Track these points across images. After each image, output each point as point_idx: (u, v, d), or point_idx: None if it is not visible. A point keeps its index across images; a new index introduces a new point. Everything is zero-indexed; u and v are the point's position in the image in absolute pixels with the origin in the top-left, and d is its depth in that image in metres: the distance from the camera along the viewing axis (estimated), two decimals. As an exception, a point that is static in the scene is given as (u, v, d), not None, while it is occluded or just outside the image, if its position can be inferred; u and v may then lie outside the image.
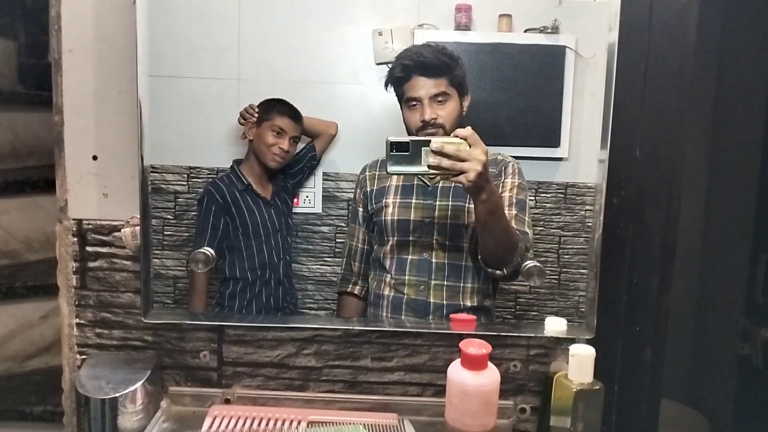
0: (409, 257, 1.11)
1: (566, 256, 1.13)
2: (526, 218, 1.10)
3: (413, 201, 1.11)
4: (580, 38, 1.09)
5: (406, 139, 0.96)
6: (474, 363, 0.96)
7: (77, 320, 1.11)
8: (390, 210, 1.12)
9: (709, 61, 1.58)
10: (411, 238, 1.11)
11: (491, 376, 0.97)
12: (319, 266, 1.15)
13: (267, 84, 1.10)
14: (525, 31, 1.09)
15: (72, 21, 1.05)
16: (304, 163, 1.13)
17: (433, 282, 1.10)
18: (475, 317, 1.10)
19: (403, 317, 1.12)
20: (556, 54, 1.09)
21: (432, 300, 1.11)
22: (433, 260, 1.10)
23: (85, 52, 1.05)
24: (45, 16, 2.25)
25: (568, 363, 1.01)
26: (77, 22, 1.05)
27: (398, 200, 1.12)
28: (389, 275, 1.12)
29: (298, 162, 1.13)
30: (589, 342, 1.03)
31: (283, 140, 1.11)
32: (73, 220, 1.09)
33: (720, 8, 1.59)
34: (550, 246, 1.13)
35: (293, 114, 1.11)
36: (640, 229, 1.09)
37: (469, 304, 1.11)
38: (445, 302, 1.11)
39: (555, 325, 1.08)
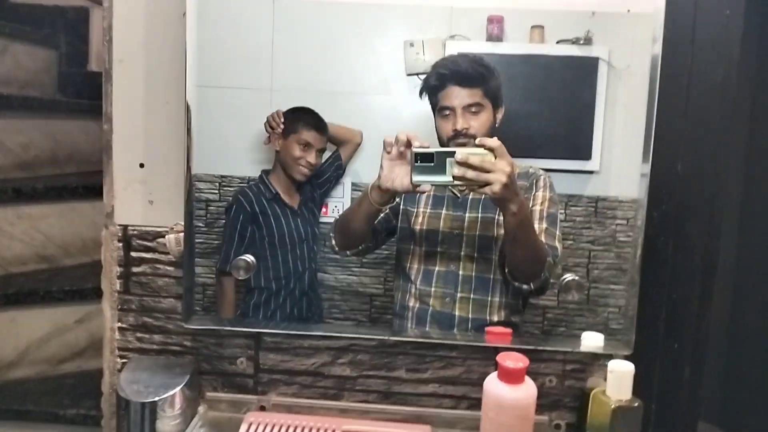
0: (436, 268, 1.11)
1: (596, 271, 1.12)
2: (557, 232, 1.09)
3: (443, 212, 1.11)
4: (613, 50, 1.08)
5: (431, 149, 0.96)
6: (511, 376, 0.95)
7: (119, 324, 1.13)
8: (420, 219, 1.12)
9: (752, 74, 1.56)
10: (439, 249, 1.11)
11: (528, 390, 0.97)
12: (346, 276, 1.16)
13: (298, 94, 1.11)
14: (557, 43, 1.08)
15: (123, 32, 1.07)
16: (331, 173, 1.14)
17: (459, 295, 1.10)
18: (511, 330, 1.10)
19: (427, 329, 1.11)
20: (589, 65, 1.08)
21: (457, 313, 1.10)
22: (461, 272, 1.10)
23: (135, 62, 1.08)
24: (85, 27, 2.33)
25: (605, 379, 1.01)
26: (128, 34, 1.07)
27: (429, 210, 1.12)
28: (414, 286, 1.12)
29: (324, 172, 1.14)
30: (626, 358, 1.02)
31: (310, 154, 1.12)
32: (119, 225, 1.11)
33: (764, 20, 1.58)
34: (580, 260, 1.12)
35: (319, 126, 1.11)
36: (680, 244, 1.08)
37: (495, 318, 1.10)
38: (471, 316, 1.10)
39: (592, 341, 1.07)
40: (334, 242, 1.13)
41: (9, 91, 2.03)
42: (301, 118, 1.11)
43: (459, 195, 1.11)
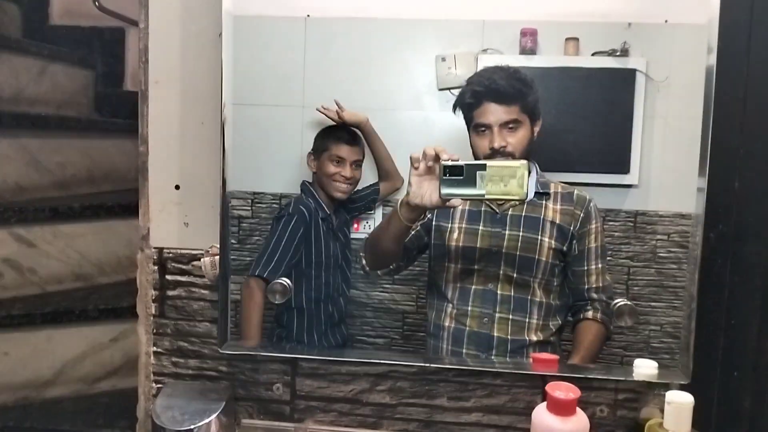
0: (473, 287, 1.07)
1: (636, 288, 1.08)
2: (607, 265, 1.07)
3: (480, 228, 1.07)
4: (651, 61, 1.05)
5: (460, 162, 0.94)
6: (562, 408, 0.91)
7: (154, 348, 1.12)
8: (455, 235, 1.08)
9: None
10: (476, 267, 1.07)
11: (580, 422, 0.92)
12: (378, 293, 1.13)
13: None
14: (593, 55, 1.06)
15: (159, 53, 1.07)
16: (366, 202, 1.12)
17: (497, 315, 1.06)
18: (557, 357, 1.05)
19: (464, 351, 1.07)
20: (626, 77, 1.05)
21: (496, 334, 1.06)
22: (499, 292, 1.06)
23: (171, 83, 1.07)
24: (121, 48, 2.37)
25: (660, 409, 0.96)
26: (164, 55, 1.07)
27: (465, 226, 1.08)
28: (450, 305, 1.08)
29: (360, 198, 1.12)
30: (682, 387, 0.97)
31: (344, 168, 1.10)
32: (155, 248, 1.10)
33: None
34: (619, 277, 1.08)
35: (350, 138, 1.10)
36: (739, 266, 1.02)
37: (534, 339, 1.06)
38: (509, 337, 1.06)
39: (645, 368, 1.02)
40: (364, 262, 1.11)
41: (47, 111, 2.07)
42: (330, 134, 1.10)
43: (497, 210, 1.07)
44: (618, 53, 1.05)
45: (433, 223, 1.10)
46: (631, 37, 1.05)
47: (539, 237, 1.05)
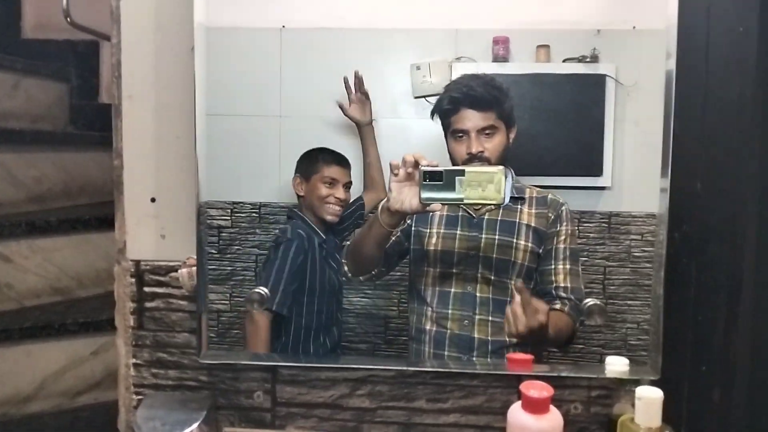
0: (452, 290, 1.09)
1: (612, 287, 1.11)
2: (579, 269, 1.09)
3: (458, 232, 1.09)
4: (620, 66, 1.08)
5: (440, 168, 0.96)
6: (536, 406, 0.93)
7: (134, 360, 1.12)
8: (434, 240, 1.10)
9: None
10: (454, 270, 1.09)
11: (554, 420, 0.94)
12: (359, 299, 1.15)
13: (307, 120, 1.12)
14: (564, 61, 1.08)
15: (132, 68, 1.08)
16: (352, 220, 1.13)
17: (477, 317, 1.08)
18: (532, 357, 1.07)
19: (446, 353, 1.09)
20: (596, 83, 1.08)
21: (477, 335, 1.08)
22: (478, 294, 1.08)
23: (145, 97, 1.08)
24: (96, 61, 2.35)
25: (632, 405, 0.98)
26: (137, 69, 1.07)
27: (442, 230, 1.10)
28: (430, 308, 1.10)
29: (347, 218, 1.13)
30: (653, 383, 0.99)
31: (337, 189, 1.11)
32: (132, 261, 1.10)
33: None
34: (595, 277, 1.11)
35: (340, 160, 1.11)
36: (704, 265, 1.05)
37: (515, 340, 1.08)
38: (490, 338, 1.08)
39: (617, 365, 1.04)
40: (346, 268, 1.12)
41: (21, 126, 2.06)
42: (320, 156, 1.11)
43: (474, 215, 1.09)
44: (588, 59, 1.08)
45: (413, 228, 1.11)
46: (600, 44, 1.07)
47: (515, 240, 1.07)
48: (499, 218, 1.08)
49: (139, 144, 1.09)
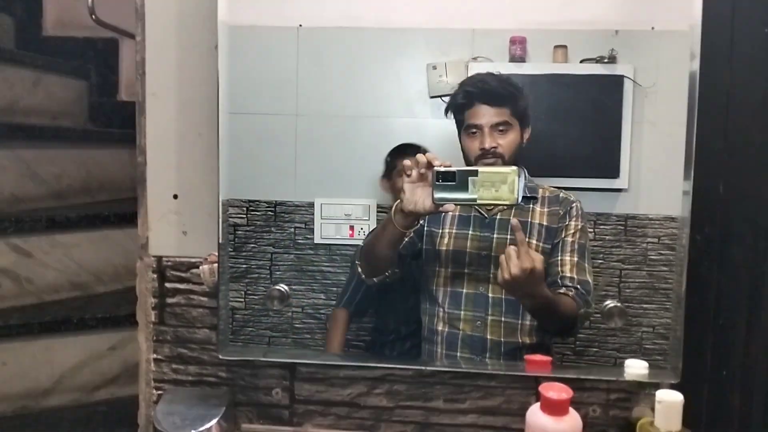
0: (464, 291, 1.09)
1: (627, 290, 1.09)
2: (587, 265, 1.07)
3: (470, 232, 1.09)
4: (638, 67, 1.07)
5: (453, 168, 0.96)
6: (555, 408, 0.93)
7: (155, 355, 1.13)
8: (446, 240, 1.10)
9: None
10: (466, 271, 1.09)
11: (573, 422, 0.94)
12: None
13: (323, 118, 1.12)
14: (581, 62, 1.08)
15: (156, 65, 1.09)
16: None
17: (490, 318, 1.08)
18: (551, 358, 1.07)
19: (458, 354, 1.09)
20: (614, 84, 1.08)
21: (489, 336, 1.08)
22: (490, 295, 1.08)
23: (168, 94, 1.09)
24: (115, 58, 2.38)
25: (651, 408, 0.97)
26: (161, 67, 1.09)
27: (454, 231, 1.10)
28: (442, 309, 1.10)
29: None
30: (673, 387, 0.99)
31: None
32: (154, 257, 1.11)
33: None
34: (611, 279, 1.10)
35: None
36: (725, 268, 1.05)
37: (528, 341, 1.08)
38: (503, 339, 1.08)
39: (636, 368, 1.04)
40: (360, 270, 1.12)
41: (42, 122, 2.08)
42: (406, 153, 1.09)
43: (486, 215, 1.09)
44: (606, 60, 1.07)
45: (425, 228, 1.11)
46: (618, 45, 1.07)
47: (527, 239, 1.07)
48: (511, 218, 1.08)
49: (162, 141, 1.10)
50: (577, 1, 1.07)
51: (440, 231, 1.11)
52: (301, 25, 1.10)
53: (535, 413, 0.95)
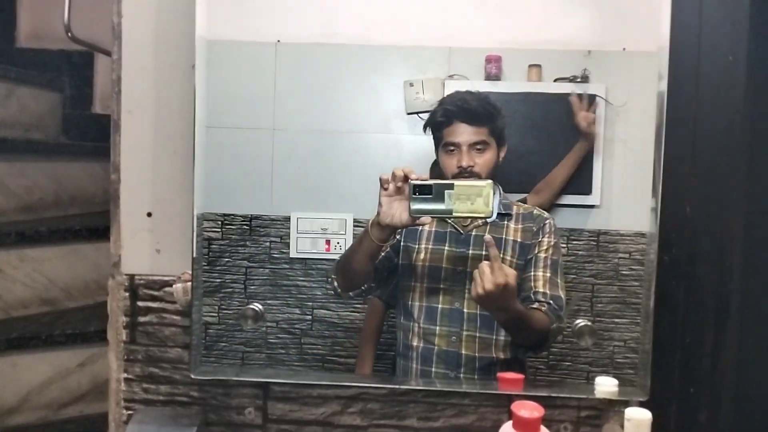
0: (440, 306, 1.10)
1: (600, 305, 1.12)
2: (560, 281, 1.09)
3: (446, 248, 1.10)
4: (610, 87, 1.10)
5: (429, 182, 0.97)
6: (527, 427, 0.93)
7: (125, 375, 1.11)
8: (422, 256, 1.11)
9: (755, 120, 1.55)
10: (442, 286, 1.10)
11: (545, 440, 0.95)
12: (348, 312, 1.15)
13: (301, 133, 1.13)
14: (555, 81, 1.10)
15: (132, 83, 1.08)
16: None
17: (464, 333, 1.09)
18: (523, 376, 1.08)
19: (433, 369, 1.10)
20: (588, 103, 1.10)
21: (464, 352, 1.09)
22: (465, 310, 1.09)
23: (144, 113, 1.08)
24: (90, 71, 2.35)
25: (621, 425, 0.99)
26: (137, 84, 1.08)
27: (431, 246, 1.11)
28: (417, 324, 1.11)
29: None
30: (642, 404, 1.00)
31: None
32: (126, 275, 1.10)
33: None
34: (583, 294, 1.12)
35: None
36: (692, 288, 1.07)
37: (502, 356, 1.09)
38: (477, 354, 1.09)
39: (606, 386, 1.05)
40: (336, 284, 1.12)
41: (14, 135, 2.05)
42: None
43: (462, 231, 1.10)
44: (579, 79, 1.09)
45: (401, 244, 1.12)
46: (591, 64, 1.09)
47: (501, 255, 1.08)
48: (485, 234, 1.09)
49: (137, 158, 1.09)
50: (551, 22, 1.10)
51: (416, 246, 1.11)
52: (279, 41, 1.11)
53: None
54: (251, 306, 1.08)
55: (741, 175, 0.99)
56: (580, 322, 1.05)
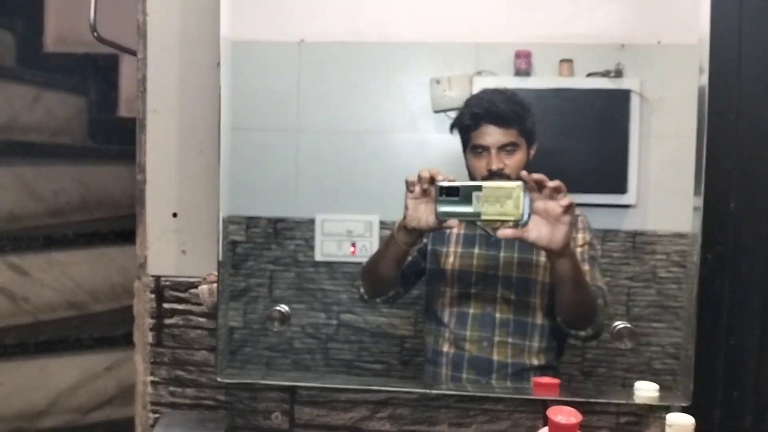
0: (471, 311, 1.07)
1: (636, 309, 1.08)
2: (598, 275, 1.05)
3: (476, 251, 1.07)
4: (645, 81, 1.06)
5: (456, 183, 0.94)
6: (564, 432, 0.90)
7: (152, 378, 1.10)
8: (451, 260, 1.08)
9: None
10: (473, 291, 1.07)
11: (583, 447, 0.91)
12: (375, 317, 1.12)
13: (325, 134, 1.11)
14: (587, 76, 1.07)
15: (157, 83, 1.07)
16: None
17: (496, 339, 1.05)
18: (559, 381, 1.05)
19: (464, 376, 1.07)
20: (621, 98, 1.07)
21: (496, 358, 1.06)
22: (497, 315, 1.06)
23: (169, 112, 1.07)
24: (115, 74, 2.37)
25: (662, 431, 0.95)
26: (162, 84, 1.07)
27: (459, 250, 1.08)
28: (448, 330, 1.07)
29: None
30: (683, 409, 0.96)
31: None
32: (152, 276, 1.09)
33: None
34: (619, 298, 1.08)
35: None
36: (737, 287, 1.02)
37: (536, 363, 1.06)
38: (510, 360, 1.05)
39: (646, 391, 1.01)
40: (363, 290, 1.10)
41: (41, 139, 2.07)
42: None
43: (492, 233, 1.07)
44: (612, 74, 1.06)
45: (429, 247, 1.09)
46: (624, 58, 1.06)
47: (534, 257, 1.05)
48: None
49: (163, 158, 1.08)
50: (582, 15, 1.06)
51: (445, 250, 1.08)
52: (303, 40, 1.09)
53: (543, 438, 0.92)
54: (277, 308, 1.06)
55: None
56: (619, 323, 1.01)
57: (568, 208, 0.92)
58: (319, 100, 1.10)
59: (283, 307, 1.06)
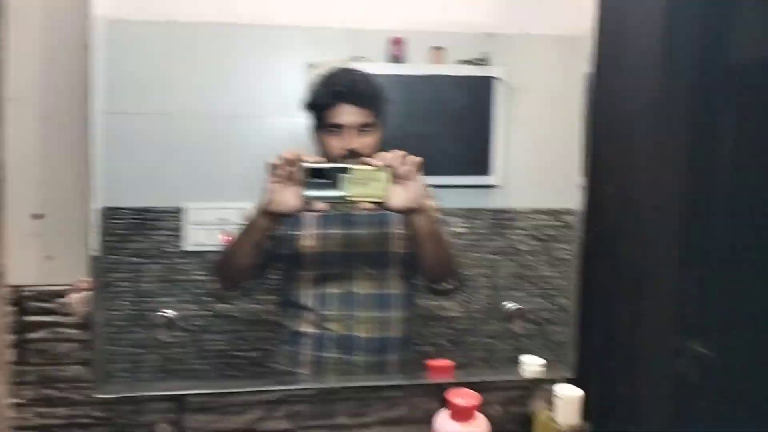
0: (332, 291, 1.07)
1: (500, 280, 1.16)
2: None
3: (334, 232, 1.07)
4: (511, 69, 1.12)
5: (324, 165, 0.92)
6: (464, 414, 0.93)
7: (15, 400, 0.98)
8: (308, 242, 1.07)
9: (682, 99, 1.60)
10: (333, 271, 1.07)
11: (480, 425, 0.94)
12: (246, 305, 1.11)
13: (195, 118, 1.07)
14: (457, 63, 1.11)
15: (18, 67, 0.94)
16: None
17: (359, 315, 1.07)
18: (453, 363, 1.07)
19: (328, 355, 1.07)
20: (487, 85, 1.12)
21: (360, 334, 1.07)
22: (360, 291, 1.07)
23: (31, 100, 0.95)
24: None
25: (547, 401, 1.00)
26: (24, 69, 0.94)
27: (316, 231, 1.07)
28: (310, 312, 1.07)
29: None
30: (569, 381, 1.02)
31: None
32: (11, 287, 0.96)
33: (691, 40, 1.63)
34: (484, 271, 1.16)
35: None
36: (612, 266, 1.09)
37: (400, 335, 1.09)
38: (374, 335, 1.07)
39: (533, 365, 1.06)
40: (219, 285, 1.07)
41: None
42: None
43: (349, 212, 1.07)
44: (480, 62, 1.11)
45: (285, 231, 1.06)
46: (493, 47, 1.11)
47: (390, 230, 1.07)
48: (375, 213, 1.07)
49: (24, 154, 0.95)
50: (453, 4, 1.09)
51: (300, 233, 1.07)
52: (173, 20, 1.03)
53: (444, 421, 0.94)
54: (159, 312, 0.98)
55: (665, 154, 1.01)
56: (510, 305, 1.06)
57: (419, 166, 0.95)
58: (188, 82, 1.06)
59: (169, 311, 0.99)
